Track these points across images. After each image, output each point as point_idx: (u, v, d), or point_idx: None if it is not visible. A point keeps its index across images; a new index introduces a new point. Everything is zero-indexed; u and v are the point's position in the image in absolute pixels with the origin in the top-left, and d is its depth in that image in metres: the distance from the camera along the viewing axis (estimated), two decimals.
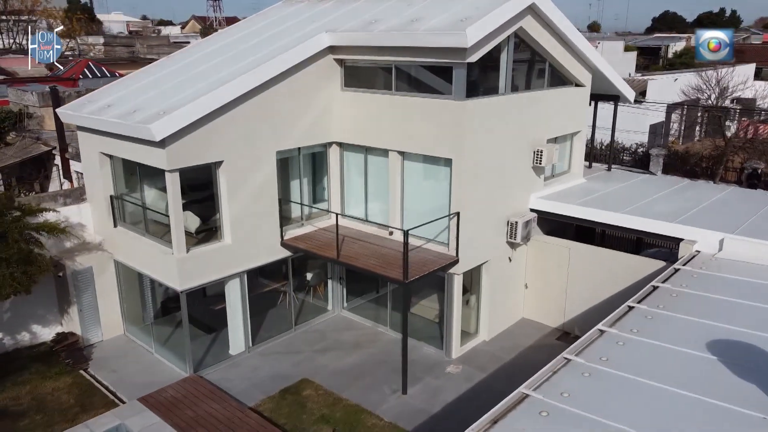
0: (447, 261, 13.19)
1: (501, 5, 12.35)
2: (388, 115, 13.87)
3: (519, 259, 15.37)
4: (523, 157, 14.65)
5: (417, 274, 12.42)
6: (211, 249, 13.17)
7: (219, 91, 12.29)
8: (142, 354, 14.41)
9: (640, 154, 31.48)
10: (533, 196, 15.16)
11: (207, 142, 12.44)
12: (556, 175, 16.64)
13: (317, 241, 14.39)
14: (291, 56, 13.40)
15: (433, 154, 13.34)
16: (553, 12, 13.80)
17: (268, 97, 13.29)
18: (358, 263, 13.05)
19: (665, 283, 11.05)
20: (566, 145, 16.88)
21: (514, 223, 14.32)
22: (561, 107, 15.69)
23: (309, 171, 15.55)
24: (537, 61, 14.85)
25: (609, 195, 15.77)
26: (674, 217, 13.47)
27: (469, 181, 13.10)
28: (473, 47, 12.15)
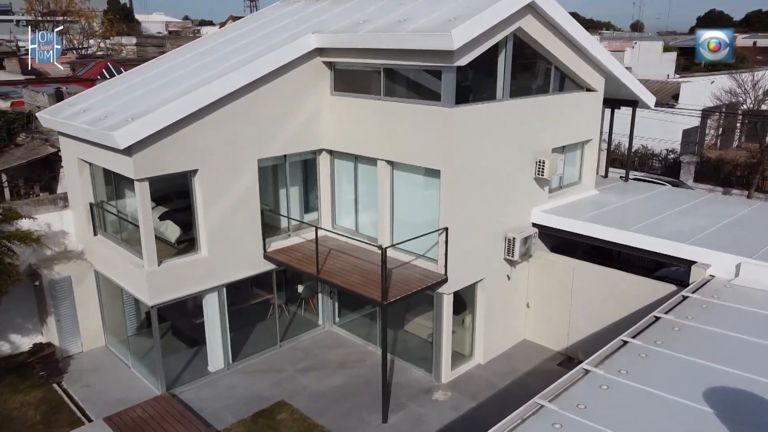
0: (434, 280, 12.23)
1: (494, 4, 11.33)
2: (376, 122, 13.00)
3: (520, 277, 14.30)
4: (525, 168, 13.58)
5: (398, 295, 11.51)
6: (185, 262, 12.51)
7: (191, 97, 11.60)
8: (119, 368, 13.87)
9: (671, 160, 29.83)
10: (536, 209, 14.07)
11: (180, 149, 11.78)
12: (565, 186, 15.49)
13: (301, 254, 13.60)
14: (273, 59, 12.64)
15: (421, 165, 12.41)
16: (555, 11, 12.70)
17: (248, 102, 12.56)
18: (337, 280, 12.21)
19: (669, 314, 9.88)
20: (576, 155, 15.70)
21: (511, 239, 13.26)
22: (569, 114, 14.54)
23: (299, 179, 14.80)
24: (541, 65, 13.76)
25: (620, 209, 14.54)
26: (687, 237, 12.22)
27: (459, 193, 12.12)
28: (462, 50, 11.16)
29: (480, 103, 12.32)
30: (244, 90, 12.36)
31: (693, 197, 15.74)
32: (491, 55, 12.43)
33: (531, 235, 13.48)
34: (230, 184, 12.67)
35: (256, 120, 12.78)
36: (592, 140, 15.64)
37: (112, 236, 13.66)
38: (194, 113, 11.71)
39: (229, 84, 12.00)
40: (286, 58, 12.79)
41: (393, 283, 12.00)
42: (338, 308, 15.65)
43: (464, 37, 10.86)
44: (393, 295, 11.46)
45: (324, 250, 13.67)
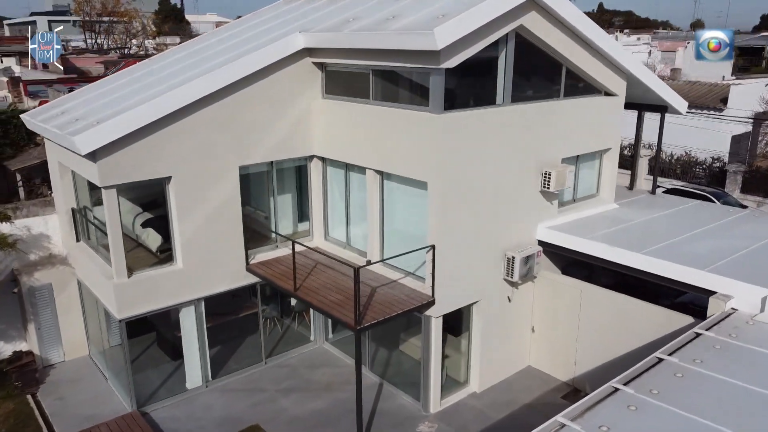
0: (420, 302, 11.16)
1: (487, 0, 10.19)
2: (365, 128, 12.03)
3: (524, 298, 13.06)
4: (529, 180, 12.35)
5: (375, 318, 10.51)
6: (159, 274, 11.84)
7: (161, 100, 10.89)
8: (97, 381, 13.34)
9: (716, 169, 27.71)
10: (541, 225, 12.81)
11: (151, 155, 11.09)
12: (580, 199, 14.14)
13: (285, 267, 12.73)
14: (256, 59, 11.83)
15: (408, 175, 11.37)
16: (563, 7, 11.43)
17: (229, 105, 11.79)
18: (314, 299, 11.30)
19: (674, 355, 8.55)
20: (593, 165, 14.33)
21: (510, 258, 12.06)
22: (583, 120, 13.21)
23: (291, 187, 13.95)
24: (549, 66, 12.49)
25: (638, 227, 13.12)
26: (708, 262, 10.77)
27: (449, 208, 11.03)
28: (450, 50, 10.07)
29: (475, 108, 11.18)
30: (220, 93, 11.59)
31: (725, 214, 14.13)
32: (489, 55, 11.29)
33: (534, 253, 12.24)
34: (208, 192, 11.93)
35: (236, 125, 11.99)
36: (611, 149, 14.23)
37: (92, 244, 13.15)
38: (165, 117, 11.00)
39: (206, 86, 11.24)
40: (268, 60, 11.95)
41: (373, 304, 11.02)
42: (332, 324, 14.75)
43: (450, 37, 9.76)
44: (369, 319, 10.47)
45: (309, 264, 12.80)
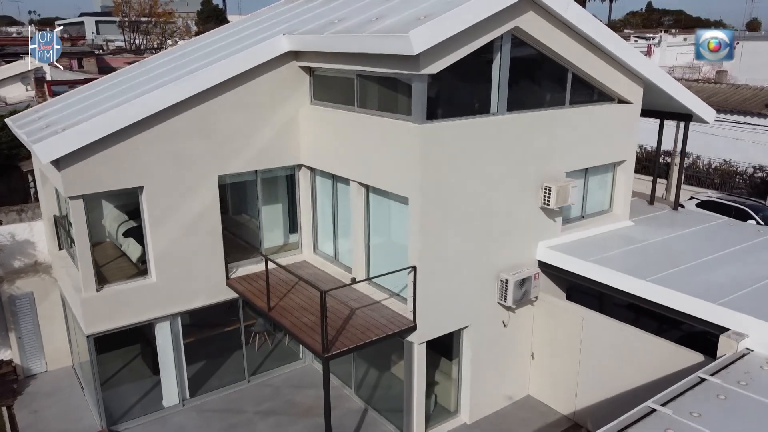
0: (399, 327, 10.29)
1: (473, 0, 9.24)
2: (349, 137, 11.24)
3: (523, 322, 12.04)
4: (527, 196, 11.34)
5: (347, 345, 9.70)
6: (131, 287, 11.30)
7: (129, 106, 10.32)
8: (75, 394, 12.93)
9: (757, 180, 25.88)
10: (542, 244, 11.76)
11: (121, 164, 10.55)
12: (589, 216, 13.02)
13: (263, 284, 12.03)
14: (234, 63, 11.16)
15: (390, 190, 10.52)
16: (564, 6, 10.38)
17: (206, 111, 11.16)
18: (287, 320, 10.55)
19: (667, 406, 7.47)
20: (605, 179, 13.18)
21: (504, 280, 11.07)
22: (593, 130, 12.11)
23: (278, 197, 13.27)
24: (553, 72, 11.44)
25: (651, 248, 11.92)
26: (722, 294, 9.58)
27: (433, 226, 10.13)
28: (430, 55, 9.19)
29: (464, 118, 10.24)
30: (196, 99, 10.96)
31: (755, 235, 12.77)
32: (482, 60, 10.35)
33: (530, 276, 11.21)
34: (183, 202, 11.33)
35: (215, 132, 11.36)
36: (626, 161, 13.06)
37: (73, 252, 12.73)
38: (134, 125, 10.43)
39: (179, 92, 10.63)
40: (248, 64, 11.27)
41: (349, 328, 10.21)
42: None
43: (428, 40, 8.86)
44: (341, 346, 9.67)
45: (291, 280, 12.06)
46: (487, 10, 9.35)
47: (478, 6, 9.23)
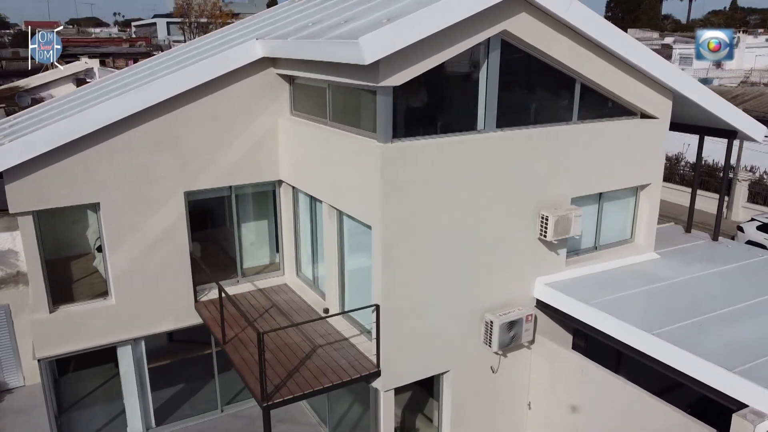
0: (360, 372, 9.05)
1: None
2: (320, 154, 10.12)
3: (518, 367, 10.54)
4: (522, 225, 9.86)
5: (292, 393, 8.56)
6: (88, 309, 10.59)
7: (79, 118, 9.58)
8: (44, 413, 12.32)
9: None
10: (540, 281, 10.24)
11: (74, 178, 9.83)
12: (605, 246, 11.34)
13: (232, 309, 11.08)
14: (201, 70, 10.25)
15: (355, 216, 9.31)
16: (566, 6, 8.85)
17: (171, 122, 10.31)
18: (237, 356, 9.51)
19: None
20: (625, 205, 11.47)
21: (488, 322, 9.63)
22: (608, 149, 10.48)
23: (259, 215, 12.29)
24: (556, 82, 9.91)
25: (672, 290, 10.16)
26: (745, 357, 7.83)
27: (402, 258, 8.84)
28: (392, 64, 7.92)
29: (442, 136, 8.91)
30: (158, 109, 10.11)
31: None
32: (466, 68, 8.99)
33: (521, 318, 9.71)
34: (145, 220, 10.51)
35: (180, 145, 10.49)
36: (650, 185, 11.30)
37: None
38: (88, 137, 9.68)
39: (126, 106, 9.78)
40: (217, 71, 10.32)
41: (303, 370, 9.09)
42: None
43: (384, 47, 7.59)
44: (286, 393, 8.55)
45: (262, 306, 11.07)
46: (460, 12, 7.97)
47: (448, 9, 7.87)
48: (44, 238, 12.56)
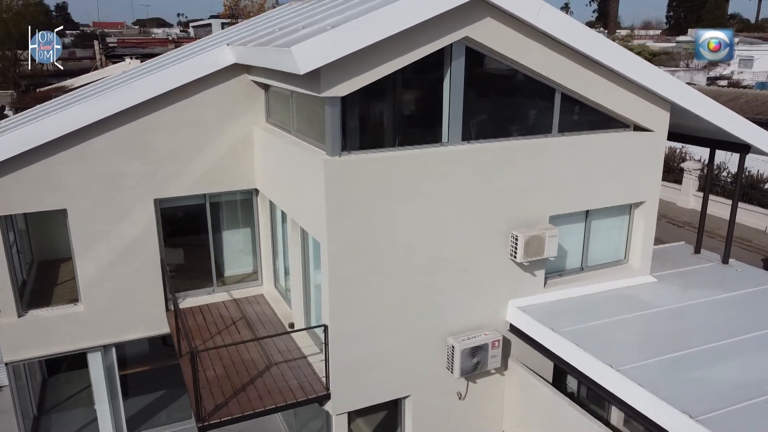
0: (307, 395, 8.66)
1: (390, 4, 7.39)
2: (283, 164, 9.78)
3: (490, 392, 9.91)
4: (493, 245, 9.24)
5: (232, 414, 8.24)
6: (57, 315, 10.59)
7: (44, 124, 9.55)
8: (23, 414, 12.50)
9: None
10: (514, 303, 9.58)
11: (40, 184, 9.82)
12: (592, 268, 10.56)
13: (203, 319, 10.91)
14: (169, 77, 10.08)
15: (309, 231, 8.91)
16: (535, 11, 8.19)
17: (139, 129, 10.18)
18: (187, 371, 9.24)
19: None
20: (618, 223, 10.65)
21: (450, 347, 9.06)
22: (595, 164, 9.72)
23: (237, 223, 12.06)
24: (533, 92, 9.24)
25: (659, 318, 9.32)
26: (717, 403, 7.01)
27: (354, 278, 8.40)
28: (335, 72, 7.49)
29: (400, 149, 8.41)
30: (125, 116, 9.99)
31: None
32: (428, 77, 8.45)
33: (487, 343, 9.09)
34: (113, 227, 10.43)
35: (150, 152, 10.35)
36: (645, 203, 10.45)
37: None
38: (53, 143, 9.65)
39: (91, 111, 9.69)
40: (185, 78, 10.12)
41: (250, 390, 8.76)
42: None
43: (318, 57, 7.15)
44: (224, 414, 8.23)
45: (228, 318, 10.82)
46: (409, 20, 7.45)
47: (395, 16, 7.36)
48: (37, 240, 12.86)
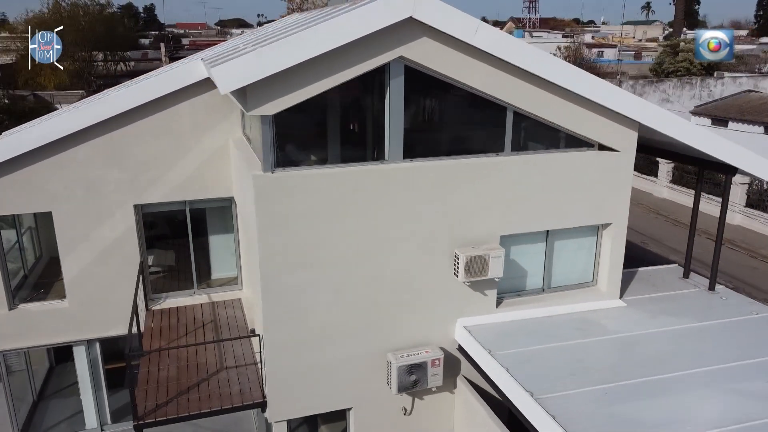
0: (243, 401, 8.95)
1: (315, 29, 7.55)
2: (239, 176, 10.10)
3: (440, 412, 9.91)
4: (438, 263, 9.22)
5: (168, 415, 8.65)
6: (43, 309, 11.36)
7: (27, 133, 10.31)
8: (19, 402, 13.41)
9: None
10: (461, 322, 9.52)
11: (26, 189, 10.57)
12: (555, 290, 10.31)
13: (174, 321, 11.42)
14: (150, 87, 10.61)
15: (252, 242, 9.17)
16: (472, 30, 8.10)
17: (118, 138, 10.76)
18: (143, 369, 9.76)
19: None
20: (585, 244, 10.34)
21: (388, 363, 9.12)
22: (551, 184, 9.51)
23: (219, 230, 12.51)
24: (482, 110, 9.14)
25: (611, 346, 9.03)
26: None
27: (285, 291, 8.62)
28: (262, 92, 7.72)
29: (338, 166, 8.54)
30: (104, 126, 10.60)
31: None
32: (369, 94, 8.55)
33: (426, 361, 9.07)
34: (94, 231, 11.09)
35: (128, 160, 10.92)
36: (612, 225, 10.09)
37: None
38: (38, 151, 10.38)
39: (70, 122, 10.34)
40: (165, 89, 10.62)
41: (194, 392, 9.15)
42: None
43: (237, 78, 7.40)
44: (160, 414, 8.65)
45: (199, 321, 11.29)
46: (334, 41, 7.57)
47: (319, 38, 7.51)
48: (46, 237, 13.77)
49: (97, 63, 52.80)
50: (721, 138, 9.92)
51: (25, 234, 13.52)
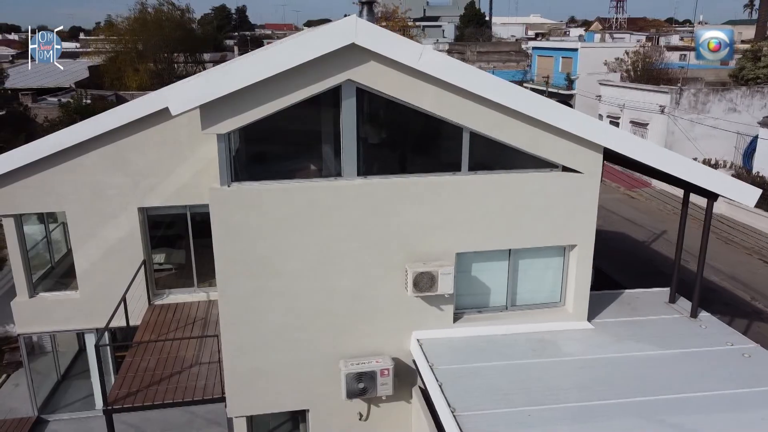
0: (203, 395, 9.66)
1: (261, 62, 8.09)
2: None
3: (398, 419, 10.24)
4: (393, 277, 9.54)
5: (135, 403, 9.47)
6: (59, 299, 12.64)
7: (43, 141, 11.50)
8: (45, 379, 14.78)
9: None
10: (415, 335, 9.80)
11: (42, 190, 11.84)
12: (520, 308, 10.36)
13: (170, 316, 12.34)
14: (150, 101, 11.58)
15: None
16: (416, 55, 8.38)
17: (121, 147, 11.84)
18: (128, 358, 10.68)
19: None
20: (552, 264, 10.32)
21: (339, 369, 9.54)
22: (510, 204, 9.60)
23: None
24: (439, 129, 9.37)
25: (558, 369, 9.03)
26: None
27: (241, 298, 9.22)
28: (209, 114, 8.42)
29: (292, 181, 9.05)
30: (109, 136, 11.68)
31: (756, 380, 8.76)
32: (324, 113, 9.03)
33: (375, 371, 9.43)
34: (101, 230, 12.22)
35: (131, 167, 11.96)
36: (578, 246, 10.03)
37: None
38: (51, 158, 11.60)
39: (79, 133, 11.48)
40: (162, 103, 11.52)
41: (164, 383, 9.95)
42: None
43: (183, 102, 8.17)
44: (128, 402, 9.52)
45: (191, 317, 12.15)
46: (274, 67, 8.09)
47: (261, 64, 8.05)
48: None
49: (177, 64, 55.93)
50: (693, 163, 9.65)
51: (56, 229, 14.96)
